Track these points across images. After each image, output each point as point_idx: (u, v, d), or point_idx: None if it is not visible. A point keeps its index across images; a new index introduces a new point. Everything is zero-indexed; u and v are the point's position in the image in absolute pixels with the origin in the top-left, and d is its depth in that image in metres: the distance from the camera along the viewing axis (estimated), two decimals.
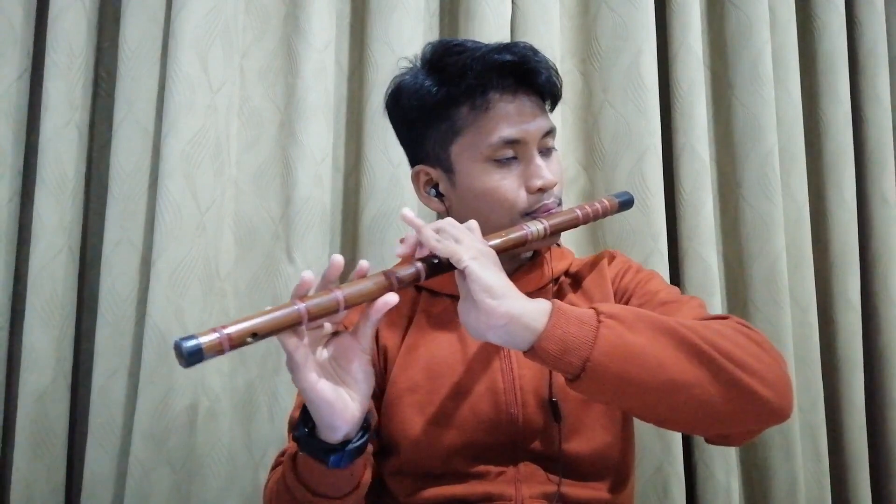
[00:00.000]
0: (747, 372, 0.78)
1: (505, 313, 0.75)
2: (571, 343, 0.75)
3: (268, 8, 1.38)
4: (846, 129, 1.66)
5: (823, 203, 1.67)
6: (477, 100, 0.95)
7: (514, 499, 0.93)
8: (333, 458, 0.81)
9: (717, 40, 1.62)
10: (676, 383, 0.76)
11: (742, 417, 0.80)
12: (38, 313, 1.21)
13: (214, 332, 0.70)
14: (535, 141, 0.97)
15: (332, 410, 0.79)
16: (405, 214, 0.83)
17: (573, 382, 0.77)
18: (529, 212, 0.97)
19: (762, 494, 1.51)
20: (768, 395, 0.78)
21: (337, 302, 0.76)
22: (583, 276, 1.05)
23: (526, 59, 0.96)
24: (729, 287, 1.57)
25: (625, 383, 0.76)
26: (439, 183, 1.02)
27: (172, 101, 1.23)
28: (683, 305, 0.94)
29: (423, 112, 0.98)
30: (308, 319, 0.75)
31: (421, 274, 0.81)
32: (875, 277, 1.69)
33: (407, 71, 1.02)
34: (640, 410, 0.82)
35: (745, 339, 0.81)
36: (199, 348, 0.69)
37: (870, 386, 1.66)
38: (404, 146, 1.07)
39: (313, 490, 0.85)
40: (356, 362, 0.81)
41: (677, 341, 0.77)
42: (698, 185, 1.48)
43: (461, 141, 0.97)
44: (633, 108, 1.45)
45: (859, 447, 1.60)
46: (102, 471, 1.21)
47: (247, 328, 0.71)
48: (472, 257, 0.78)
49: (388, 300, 0.79)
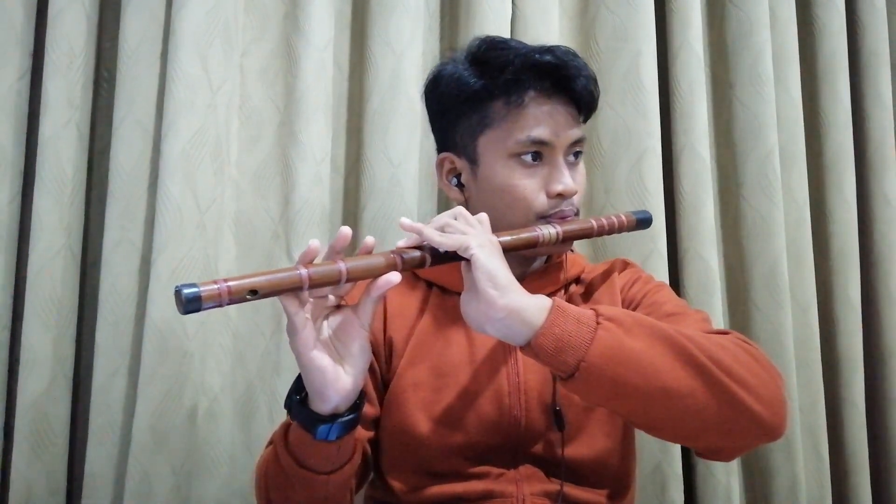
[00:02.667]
0: (742, 386, 0.78)
1: (505, 306, 0.76)
2: (568, 342, 0.75)
3: (268, 7, 1.38)
4: (847, 129, 1.67)
5: (824, 203, 1.67)
6: (512, 95, 0.95)
7: (515, 496, 0.94)
8: (322, 428, 0.82)
9: (717, 40, 1.62)
10: (670, 391, 0.76)
11: (733, 431, 0.80)
12: (38, 313, 1.20)
13: (215, 283, 0.71)
14: (563, 147, 0.98)
15: (324, 379, 0.80)
16: (403, 223, 0.84)
17: (566, 382, 0.77)
18: (545, 215, 0.97)
19: (763, 495, 1.51)
20: (761, 412, 0.78)
21: (339, 272, 0.77)
22: (594, 285, 1.05)
23: (565, 64, 0.96)
24: (729, 287, 1.57)
25: (618, 387, 0.76)
26: (462, 173, 1.02)
27: (172, 100, 1.23)
28: (688, 318, 0.94)
29: (459, 100, 0.99)
30: (309, 286, 0.76)
31: (427, 259, 0.82)
32: (877, 277, 1.69)
33: (449, 61, 1.03)
34: (631, 415, 0.83)
35: (744, 355, 0.81)
36: (198, 295, 0.71)
37: (870, 386, 1.66)
38: (434, 131, 1.07)
39: (300, 461, 0.86)
40: (354, 337, 0.82)
41: (675, 349, 0.77)
42: (699, 185, 1.48)
43: (490, 134, 0.98)
44: (632, 110, 1.45)
45: (860, 447, 1.60)
46: (102, 471, 1.21)
47: (247, 284, 0.73)
48: (479, 244, 0.79)
49: (391, 279, 0.80)
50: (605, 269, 1.08)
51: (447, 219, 0.84)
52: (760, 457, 1.51)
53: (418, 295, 1.04)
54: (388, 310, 1.03)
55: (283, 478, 0.88)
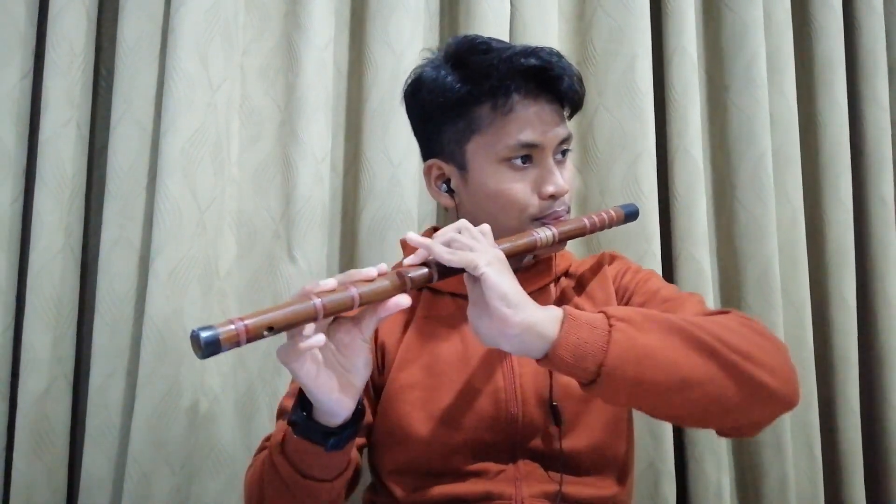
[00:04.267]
0: (755, 364, 0.79)
1: (520, 322, 0.76)
2: (585, 349, 0.76)
3: (268, 6, 1.37)
4: (843, 131, 1.67)
5: (820, 204, 1.67)
6: (499, 100, 0.95)
7: (514, 498, 0.95)
8: (332, 440, 0.83)
9: (712, 43, 1.62)
10: (690, 381, 0.77)
11: (753, 408, 0.82)
12: (38, 313, 1.20)
13: (231, 324, 0.70)
14: (552, 147, 0.98)
15: (330, 398, 0.80)
16: (410, 238, 0.84)
17: (588, 387, 0.78)
18: (539, 217, 0.98)
19: (754, 491, 1.52)
20: (776, 385, 0.80)
21: (352, 299, 0.77)
22: (585, 278, 1.06)
23: (550, 65, 0.97)
24: (722, 289, 1.58)
25: (640, 384, 0.77)
26: (451, 179, 1.02)
27: (172, 98, 1.22)
28: (685, 302, 0.95)
29: (443, 107, 0.98)
30: (323, 316, 0.76)
31: (433, 276, 0.83)
32: (873, 278, 1.69)
33: (428, 63, 1.02)
34: (654, 409, 0.83)
35: (749, 332, 0.83)
36: (217, 339, 0.69)
37: (865, 387, 1.67)
38: (419, 138, 1.07)
39: (304, 472, 0.86)
40: (357, 351, 0.82)
41: (687, 339, 0.79)
42: (692, 187, 1.49)
43: (478, 139, 0.98)
44: (627, 112, 1.45)
45: (854, 447, 1.61)
46: (101, 472, 1.20)
47: (264, 321, 0.72)
48: (488, 263, 0.78)
49: (400, 302, 0.80)
50: (593, 262, 1.09)
51: (452, 234, 0.84)
52: (752, 453, 1.52)
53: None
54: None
55: (284, 489, 0.88)
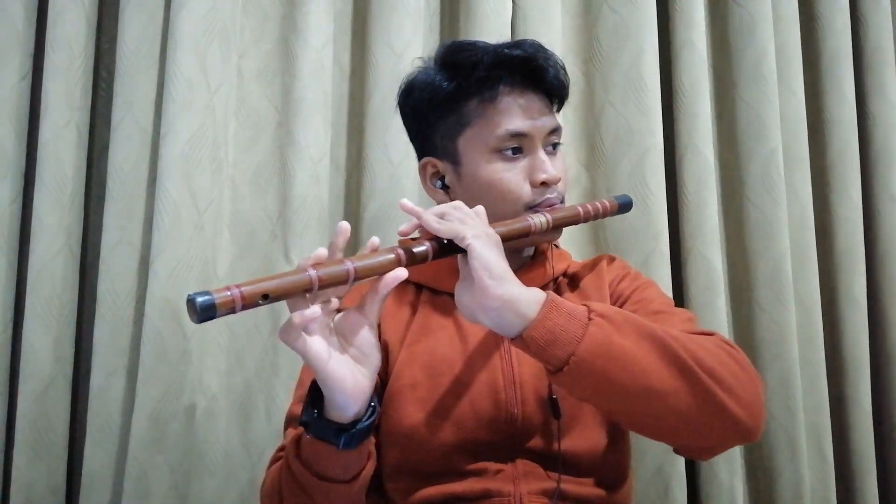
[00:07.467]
0: (724, 388, 0.79)
1: (500, 296, 0.76)
2: (559, 336, 0.76)
3: (266, 8, 1.38)
4: (851, 127, 1.66)
5: (829, 202, 1.66)
6: (486, 93, 0.97)
7: (512, 495, 0.94)
8: (345, 437, 0.82)
9: (720, 38, 1.62)
10: (654, 390, 0.77)
11: (711, 431, 0.82)
12: (38, 313, 1.21)
13: (227, 290, 0.71)
14: (541, 137, 0.99)
15: (343, 387, 0.79)
16: (404, 204, 0.84)
17: (554, 375, 0.78)
18: (533, 205, 0.99)
19: (767, 496, 1.50)
20: (740, 414, 0.80)
21: (347, 272, 0.77)
22: (581, 277, 1.07)
23: (535, 56, 0.98)
24: (733, 287, 1.56)
25: (604, 383, 0.77)
26: (445, 175, 1.03)
27: (171, 101, 1.23)
28: (674, 317, 0.96)
29: (434, 105, 1.00)
30: (318, 286, 0.75)
31: (430, 252, 0.82)
32: (883, 276, 1.68)
33: (420, 69, 1.04)
34: (613, 411, 0.84)
35: (726, 357, 0.83)
36: (212, 303, 0.70)
37: (876, 386, 1.64)
38: (413, 139, 1.08)
39: (321, 474, 0.85)
40: (364, 337, 0.82)
41: (661, 349, 0.79)
42: (702, 184, 1.48)
43: (469, 133, 0.99)
44: (634, 108, 1.44)
45: (866, 448, 1.59)
46: (101, 471, 1.21)
47: (259, 289, 0.72)
48: (475, 235, 0.79)
49: (398, 274, 0.80)
50: (591, 262, 1.09)
51: (446, 208, 0.84)
52: (764, 457, 1.50)
53: (409, 298, 1.05)
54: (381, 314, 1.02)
55: (302, 493, 0.87)
